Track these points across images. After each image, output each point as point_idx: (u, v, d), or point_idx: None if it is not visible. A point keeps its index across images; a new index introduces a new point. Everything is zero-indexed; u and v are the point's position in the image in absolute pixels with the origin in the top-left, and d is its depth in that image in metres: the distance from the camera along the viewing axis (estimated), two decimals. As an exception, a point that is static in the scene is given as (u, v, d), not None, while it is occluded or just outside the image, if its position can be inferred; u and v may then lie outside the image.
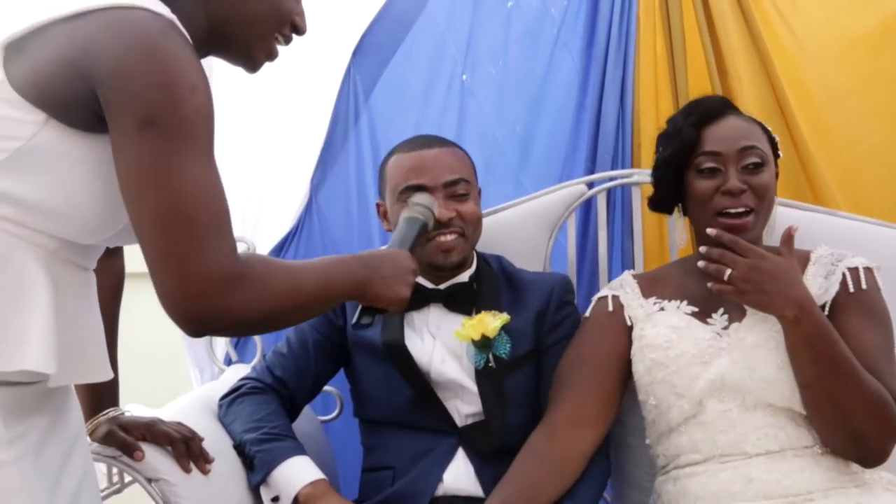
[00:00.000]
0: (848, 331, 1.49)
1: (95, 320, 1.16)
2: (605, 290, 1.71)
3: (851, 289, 1.56)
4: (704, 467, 1.52)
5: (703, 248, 1.48)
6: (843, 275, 1.57)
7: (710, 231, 1.48)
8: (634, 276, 1.72)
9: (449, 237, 1.68)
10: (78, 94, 1.00)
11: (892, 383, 1.45)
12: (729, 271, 1.45)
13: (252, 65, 1.19)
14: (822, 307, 1.55)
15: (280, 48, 1.20)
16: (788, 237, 1.49)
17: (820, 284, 1.58)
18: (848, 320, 1.52)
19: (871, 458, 1.46)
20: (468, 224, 1.71)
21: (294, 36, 1.20)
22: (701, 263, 1.48)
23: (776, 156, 1.64)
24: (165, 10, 1.04)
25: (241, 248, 2.00)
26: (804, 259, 1.62)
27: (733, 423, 1.51)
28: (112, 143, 1.01)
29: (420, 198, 1.55)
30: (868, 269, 1.59)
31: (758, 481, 1.47)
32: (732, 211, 1.53)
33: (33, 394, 1.09)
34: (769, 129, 1.65)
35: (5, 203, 1.03)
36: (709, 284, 1.49)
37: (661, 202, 1.68)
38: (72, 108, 1.01)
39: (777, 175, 1.63)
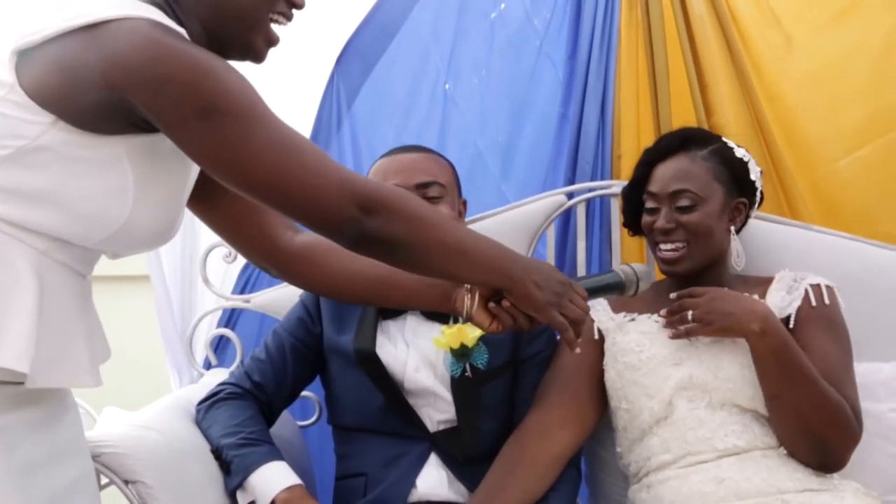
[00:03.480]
0: (810, 343, 1.59)
1: (87, 327, 1.16)
2: None
3: (814, 303, 1.65)
4: (675, 471, 1.56)
5: (662, 312, 1.65)
6: (806, 290, 1.67)
7: (672, 295, 1.64)
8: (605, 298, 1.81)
9: None
10: (103, 101, 1.04)
11: (851, 395, 1.54)
12: (690, 313, 1.57)
13: (255, 56, 1.22)
14: (786, 320, 1.64)
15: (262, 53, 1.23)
16: None
17: (783, 297, 1.68)
18: (811, 333, 1.61)
19: (831, 464, 1.54)
20: None
21: (294, 13, 1.23)
22: (663, 320, 1.64)
23: (744, 185, 1.73)
24: (171, 22, 1.10)
25: (222, 252, 2.05)
26: (768, 281, 1.73)
27: (702, 420, 1.57)
28: (176, 141, 1.09)
29: (640, 266, 1.51)
30: (829, 288, 1.68)
31: (729, 481, 1.51)
32: (663, 247, 1.68)
33: (14, 395, 1.09)
34: (742, 159, 1.74)
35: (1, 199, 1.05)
36: (669, 335, 1.62)
37: (627, 225, 1.85)
38: (90, 112, 1.05)
39: (744, 204, 1.74)
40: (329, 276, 1.37)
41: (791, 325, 1.63)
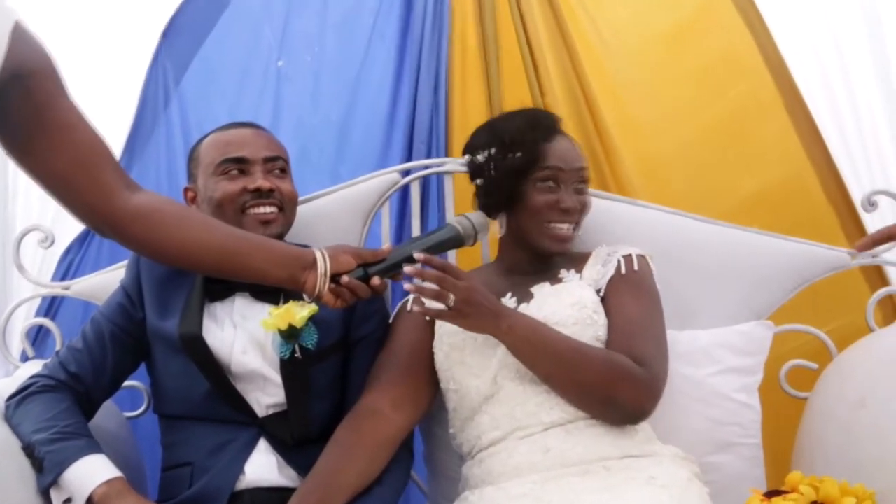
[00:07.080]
0: (615, 307, 1.64)
1: None
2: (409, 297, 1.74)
3: (623, 271, 1.69)
4: (504, 445, 1.58)
5: (409, 287, 1.51)
6: (619, 261, 1.70)
7: (418, 256, 1.48)
8: None
9: (269, 209, 1.70)
10: None
11: (641, 346, 1.57)
12: (452, 297, 1.48)
13: None
14: (599, 291, 1.68)
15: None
16: None
17: (598, 271, 1.71)
18: (616, 298, 1.65)
19: (633, 415, 1.55)
20: (287, 201, 1.74)
21: None
22: (410, 287, 1.51)
23: None
24: None
25: (38, 237, 1.93)
26: (586, 256, 1.76)
27: (528, 395, 1.58)
28: None
29: (476, 215, 1.48)
30: (641, 256, 1.73)
31: (554, 450, 1.53)
32: (560, 226, 1.66)
33: None
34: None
35: None
36: (415, 308, 1.53)
37: (493, 207, 1.71)
38: None
39: None
40: (170, 243, 1.32)
41: (602, 296, 1.66)
